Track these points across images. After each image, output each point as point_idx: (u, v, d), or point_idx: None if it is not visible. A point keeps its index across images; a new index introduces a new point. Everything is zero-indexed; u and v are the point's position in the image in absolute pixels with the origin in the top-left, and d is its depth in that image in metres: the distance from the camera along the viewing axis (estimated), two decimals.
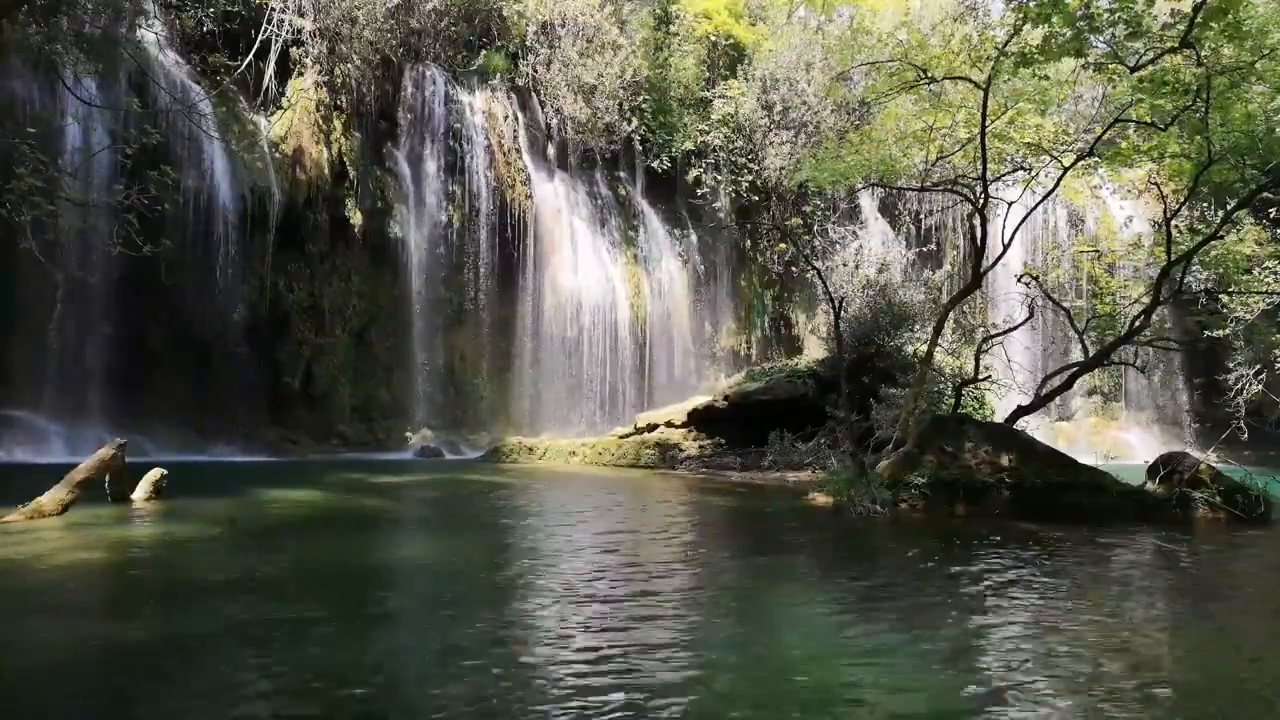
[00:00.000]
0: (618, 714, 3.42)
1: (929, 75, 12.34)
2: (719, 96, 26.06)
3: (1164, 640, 4.83)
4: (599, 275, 23.73)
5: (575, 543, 7.83)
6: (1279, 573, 7.40)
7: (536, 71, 23.90)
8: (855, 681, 3.93)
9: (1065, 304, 15.42)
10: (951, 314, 14.96)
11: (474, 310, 22.04)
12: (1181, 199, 14.63)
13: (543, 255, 23.08)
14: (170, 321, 17.10)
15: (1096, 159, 12.87)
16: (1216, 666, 4.38)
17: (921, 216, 27.77)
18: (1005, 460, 10.23)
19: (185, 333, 17.23)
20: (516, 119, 23.55)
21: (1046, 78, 12.08)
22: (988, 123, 11.84)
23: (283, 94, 19.90)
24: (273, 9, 19.19)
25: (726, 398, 18.10)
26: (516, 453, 17.79)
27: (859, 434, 12.51)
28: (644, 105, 24.94)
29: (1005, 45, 11.16)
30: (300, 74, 19.99)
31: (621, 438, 18.16)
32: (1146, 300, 13.02)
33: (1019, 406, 12.23)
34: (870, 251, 21.15)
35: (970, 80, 12.24)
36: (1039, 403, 12.39)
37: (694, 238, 26.28)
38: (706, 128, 25.80)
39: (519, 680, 3.85)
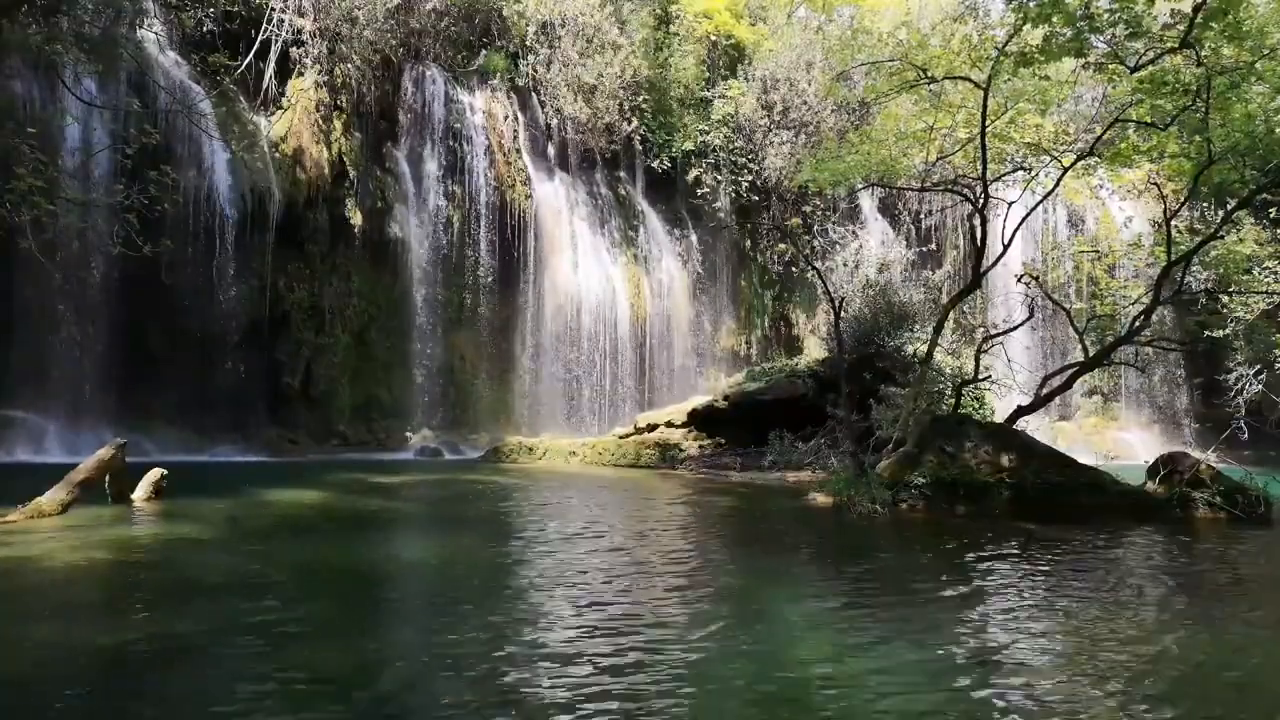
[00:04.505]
0: (616, 714, 3.42)
1: (929, 75, 12.34)
2: (719, 96, 26.06)
3: (1163, 640, 4.83)
4: (599, 275, 23.72)
5: (574, 543, 7.83)
6: (1278, 572, 7.39)
7: (536, 71, 23.89)
8: (854, 681, 3.92)
9: (1065, 304, 15.43)
10: (951, 314, 14.95)
11: (474, 310, 22.03)
12: (1181, 199, 14.64)
13: (543, 255, 23.08)
14: (170, 321, 17.08)
15: (1096, 159, 12.87)
16: (1214, 665, 4.38)
17: (921, 216, 27.75)
18: (1005, 460, 10.24)
19: (185, 333, 17.21)
20: (516, 119, 23.54)
21: (1046, 78, 12.09)
22: (988, 123, 11.85)
23: (283, 94, 19.88)
24: (273, 9, 19.18)
25: (726, 398, 18.09)
26: (516, 453, 17.79)
27: (859, 434, 12.51)
28: (644, 105, 24.93)
29: (1005, 45, 11.17)
30: (300, 74, 19.98)
31: (621, 438, 18.15)
32: (1146, 300, 13.02)
33: (1019, 406, 12.24)
34: (870, 251, 21.16)
35: (970, 80, 12.24)
36: (1039, 403, 12.39)
37: (694, 238, 26.28)
38: (706, 128, 25.79)
39: (519, 681, 3.86)
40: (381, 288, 20.96)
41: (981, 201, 12.53)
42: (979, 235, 13.16)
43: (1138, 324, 12.38)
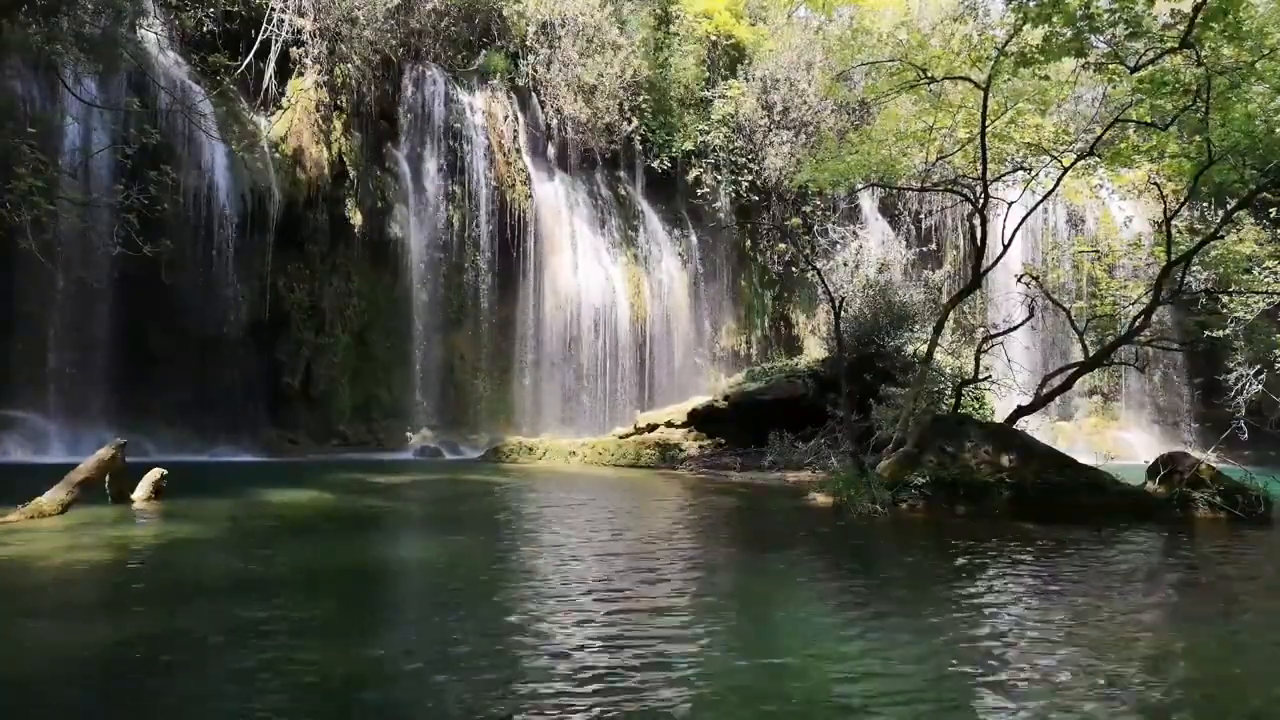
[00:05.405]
0: (615, 715, 3.42)
1: (929, 75, 12.34)
2: (719, 96, 26.06)
3: (1162, 640, 4.83)
4: (599, 275, 23.72)
5: (574, 543, 7.83)
6: (1278, 572, 7.39)
7: (536, 71, 23.89)
8: (855, 682, 3.92)
9: (1065, 304, 15.43)
10: (951, 314, 14.95)
11: (474, 310, 22.03)
12: (1181, 199, 14.64)
13: (543, 255, 23.08)
14: (170, 321, 17.06)
15: (1096, 159, 12.88)
16: (1214, 664, 4.38)
17: (921, 216, 27.75)
18: (1005, 460, 10.24)
19: (185, 333, 17.19)
20: (516, 119, 23.54)
21: (1046, 78, 12.10)
22: (988, 123, 11.85)
23: (283, 94, 19.88)
24: (273, 9, 19.17)
25: (726, 398, 18.10)
26: (516, 452, 17.78)
27: (859, 434, 12.51)
28: (644, 105, 24.93)
29: (1005, 45, 11.17)
30: (300, 74, 19.98)
31: (621, 438, 18.15)
32: (1146, 300, 13.02)
33: (1019, 406, 12.24)
34: (870, 251, 21.16)
35: (970, 80, 12.24)
36: (1039, 403, 12.39)
37: (694, 238, 26.28)
38: (706, 128, 25.80)
39: (519, 681, 3.85)
40: (381, 288, 20.96)
41: (981, 201, 12.53)
42: (979, 235, 13.16)
43: (1138, 324, 12.38)
